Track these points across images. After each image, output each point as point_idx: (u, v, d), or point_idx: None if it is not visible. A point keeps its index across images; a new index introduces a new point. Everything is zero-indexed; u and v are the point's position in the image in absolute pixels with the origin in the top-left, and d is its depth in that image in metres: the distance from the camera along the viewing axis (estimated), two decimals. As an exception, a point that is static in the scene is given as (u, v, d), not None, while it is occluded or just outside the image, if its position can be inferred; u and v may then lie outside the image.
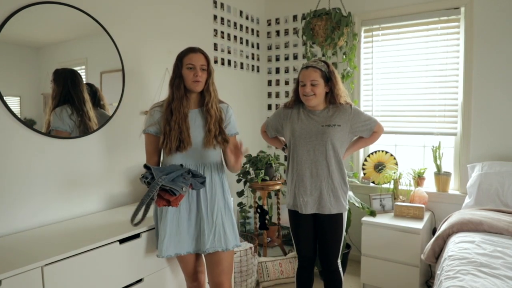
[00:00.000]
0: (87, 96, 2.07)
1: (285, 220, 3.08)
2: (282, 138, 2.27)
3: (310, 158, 1.98)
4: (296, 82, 2.07)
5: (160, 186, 1.56)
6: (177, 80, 1.77)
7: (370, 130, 2.05)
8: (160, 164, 1.88)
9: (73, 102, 2.01)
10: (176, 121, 1.73)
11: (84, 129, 2.07)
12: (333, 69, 2.01)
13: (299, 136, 2.00)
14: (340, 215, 2.01)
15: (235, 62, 3.32)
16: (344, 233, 2.07)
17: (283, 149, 2.25)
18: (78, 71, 2.06)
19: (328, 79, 1.98)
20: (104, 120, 2.19)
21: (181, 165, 1.73)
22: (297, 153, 2.01)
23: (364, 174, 3.22)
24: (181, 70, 1.76)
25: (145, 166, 1.64)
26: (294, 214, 2.10)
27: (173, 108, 1.75)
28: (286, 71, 3.63)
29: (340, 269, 2.11)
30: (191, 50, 1.78)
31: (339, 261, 2.11)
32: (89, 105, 2.09)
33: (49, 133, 1.93)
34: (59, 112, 1.96)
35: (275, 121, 2.19)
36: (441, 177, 2.90)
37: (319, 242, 2.09)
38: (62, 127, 1.98)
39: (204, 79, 1.77)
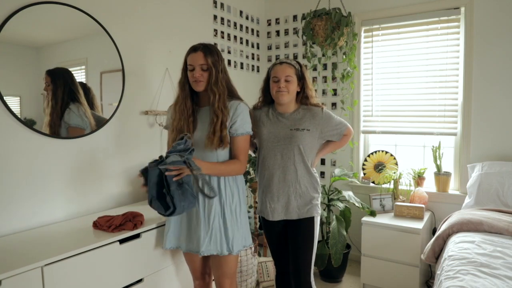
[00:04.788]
0: (82, 94, 2.07)
1: (285, 220, 3.07)
2: (255, 141, 2.15)
3: (278, 163, 1.90)
4: (264, 81, 2.01)
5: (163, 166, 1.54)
6: (181, 81, 1.80)
7: (340, 135, 1.98)
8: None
9: (78, 99, 2.02)
10: (179, 123, 1.75)
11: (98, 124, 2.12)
12: (305, 70, 1.97)
13: (267, 140, 1.93)
14: (310, 220, 1.91)
15: (235, 62, 3.32)
16: (315, 243, 1.94)
17: (254, 152, 2.16)
18: (72, 71, 2.04)
19: (301, 77, 1.93)
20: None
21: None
22: (265, 158, 1.94)
23: (364, 174, 3.22)
24: (186, 70, 1.77)
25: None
26: (263, 221, 2.04)
27: (177, 109, 1.78)
28: (286, 71, 3.63)
29: None
30: (192, 50, 1.74)
31: (312, 280, 1.96)
32: (85, 103, 2.08)
33: (53, 133, 1.93)
34: (76, 109, 1.98)
35: None
36: (441, 177, 2.90)
37: (290, 253, 1.97)
38: (81, 124, 2.01)
39: (205, 78, 1.72)
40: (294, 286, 1.97)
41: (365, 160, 3.23)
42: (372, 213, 2.82)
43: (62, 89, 1.96)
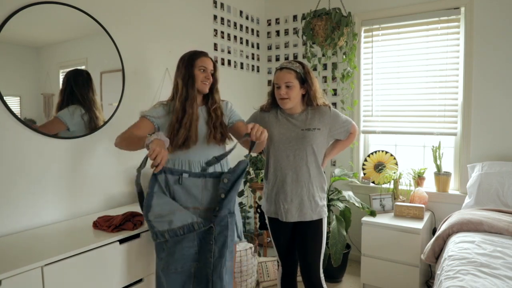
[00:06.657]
0: (94, 97, 2.11)
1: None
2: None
3: (290, 164, 1.91)
4: (272, 84, 2.00)
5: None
6: (191, 79, 1.84)
7: (347, 132, 2.01)
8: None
9: (79, 101, 2.04)
10: (189, 119, 1.80)
11: (91, 128, 2.12)
12: (309, 70, 1.94)
13: (278, 141, 1.93)
14: (320, 221, 1.94)
15: (235, 62, 3.32)
16: (324, 242, 1.98)
17: (261, 153, 2.17)
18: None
19: (304, 80, 1.90)
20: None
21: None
22: (277, 159, 1.93)
23: (364, 174, 3.22)
24: (193, 70, 1.85)
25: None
26: (274, 222, 2.02)
27: (187, 106, 1.82)
28: (286, 71, 3.63)
29: (324, 285, 1.99)
30: (204, 54, 1.91)
31: (322, 275, 1.99)
32: (96, 106, 2.13)
33: (47, 133, 1.93)
34: (72, 109, 2.01)
35: None
36: (441, 177, 2.90)
37: (299, 252, 2.00)
38: (66, 120, 1.99)
39: (211, 82, 1.90)
40: (305, 285, 2.00)
41: (365, 160, 3.23)
42: (372, 213, 2.82)
43: (68, 90, 2.00)
